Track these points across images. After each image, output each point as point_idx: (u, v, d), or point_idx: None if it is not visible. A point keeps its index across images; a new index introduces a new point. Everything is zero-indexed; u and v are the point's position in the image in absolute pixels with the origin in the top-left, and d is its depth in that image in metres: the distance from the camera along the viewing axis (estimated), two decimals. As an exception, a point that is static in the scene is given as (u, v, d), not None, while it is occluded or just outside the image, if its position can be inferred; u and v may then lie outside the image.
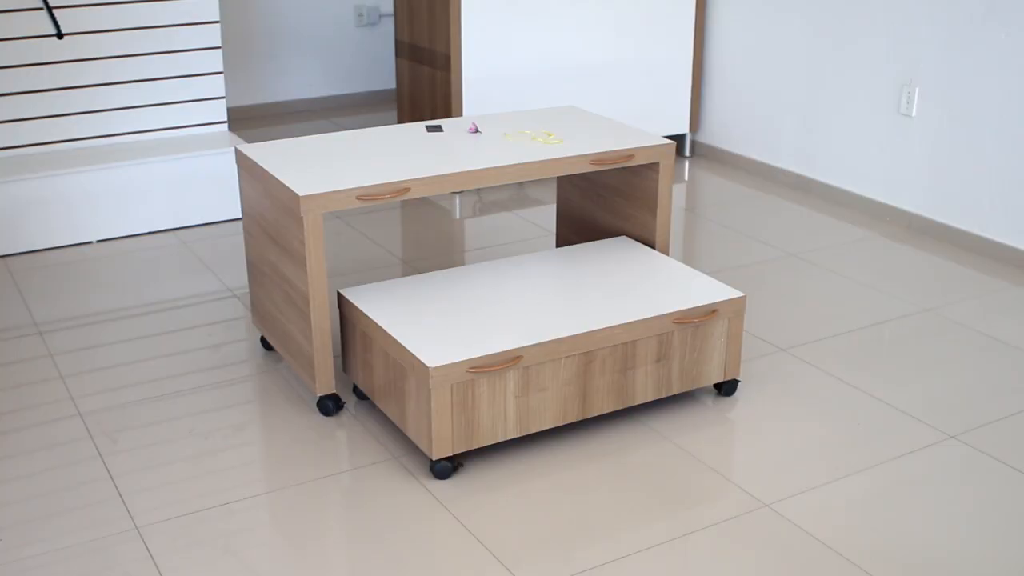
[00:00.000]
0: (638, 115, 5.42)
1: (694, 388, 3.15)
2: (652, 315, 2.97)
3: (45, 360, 3.49)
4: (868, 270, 4.25)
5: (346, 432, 3.06)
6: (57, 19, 4.43)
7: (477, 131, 3.49)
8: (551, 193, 5.11)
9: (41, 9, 4.43)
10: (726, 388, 3.24)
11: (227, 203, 4.69)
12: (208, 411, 3.17)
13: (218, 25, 4.83)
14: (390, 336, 2.85)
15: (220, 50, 4.87)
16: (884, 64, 4.70)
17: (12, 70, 4.46)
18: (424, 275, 3.26)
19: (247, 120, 6.44)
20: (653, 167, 3.40)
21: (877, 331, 3.72)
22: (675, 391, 3.10)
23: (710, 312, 3.07)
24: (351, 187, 2.93)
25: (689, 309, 3.03)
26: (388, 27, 6.84)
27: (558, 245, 4.00)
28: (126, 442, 3.00)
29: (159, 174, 4.57)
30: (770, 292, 4.03)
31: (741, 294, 3.14)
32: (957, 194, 4.50)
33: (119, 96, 4.70)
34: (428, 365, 2.68)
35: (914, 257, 4.41)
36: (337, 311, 3.58)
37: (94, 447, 2.98)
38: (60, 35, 4.43)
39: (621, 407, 3.02)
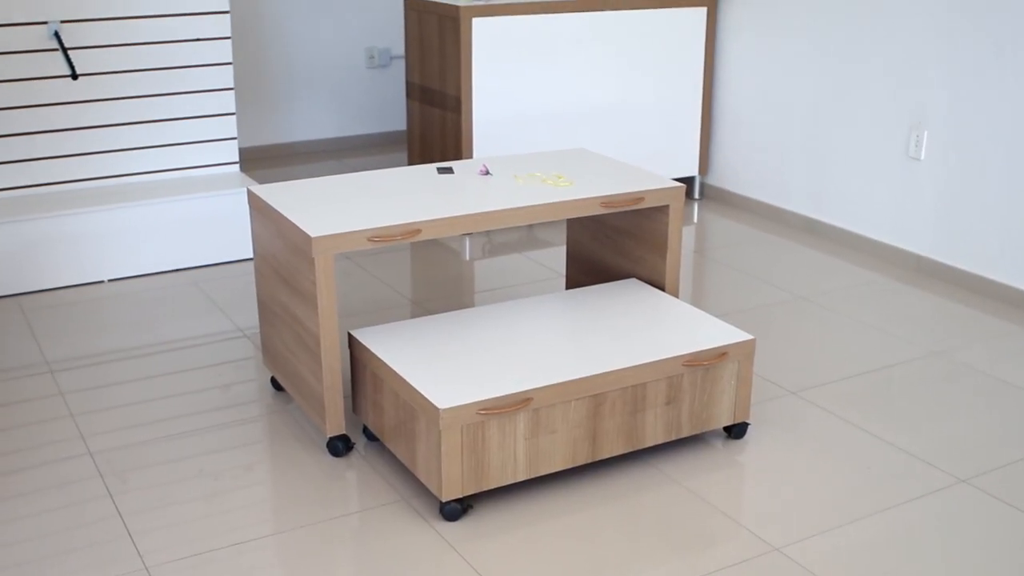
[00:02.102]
0: (648, 157, 5.45)
1: (704, 431, 3.15)
2: (662, 357, 2.98)
3: (55, 399, 3.50)
4: (877, 313, 4.25)
5: (356, 473, 3.06)
6: (72, 60, 4.48)
7: (488, 173, 3.51)
8: (561, 235, 5.12)
9: (57, 50, 4.48)
10: (736, 431, 3.23)
11: (238, 243, 4.72)
12: (218, 451, 3.17)
13: (231, 67, 4.87)
14: (400, 377, 2.85)
15: (232, 91, 4.91)
16: (893, 107, 4.73)
17: (27, 110, 4.50)
18: (434, 316, 3.27)
19: (258, 160, 6.48)
20: (663, 210, 3.41)
21: (886, 374, 3.71)
22: (685, 434, 3.10)
23: (720, 355, 3.07)
24: (362, 228, 2.94)
25: (699, 352, 3.03)
26: (399, 69, 6.89)
27: (568, 287, 4.01)
28: (136, 481, 3.00)
29: (171, 214, 4.59)
30: (779, 334, 4.03)
31: (751, 337, 3.14)
32: (965, 237, 4.50)
33: (132, 136, 4.74)
34: (438, 407, 2.68)
35: (923, 300, 4.41)
36: (347, 352, 3.59)
37: (104, 486, 2.98)
38: (75, 76, 4.48)
39: (631, 449, 3.02)
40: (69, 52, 4.50)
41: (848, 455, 3.17)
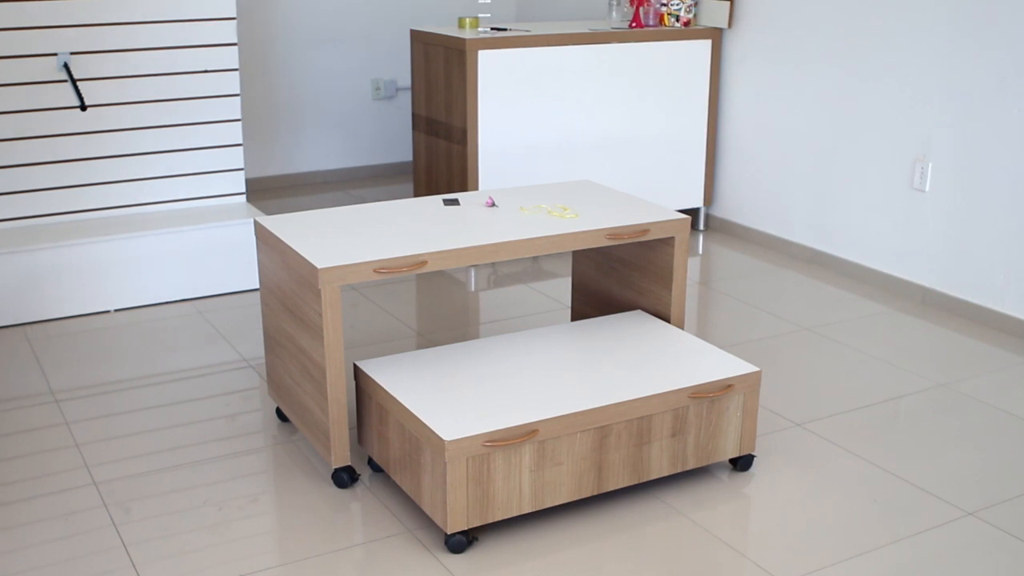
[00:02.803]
0: (653, 189, 5.46)
1: (709, 463, 3.14)
2: (667, 389, 2.98)
3: (61, 428, 3.50)
4: (882, 344, 4.25)
5: (361, 505, 3.05)
6: (81, 92, 4.50)
7: (494, 205, 3.53)
8: (566, 266, 5.13)
9: (66, 81, 4.51)
10: (742, 463, 3.23)
11: (244, 273, 4.73)
12: (222, 481, 3.17)
13: (238, 98, 4.90)
14: (406, 409, 2.86)
15: (240, 122, 4.93)
16: (897, 139, 4.74)
17: (36, 140, 4.53)
18: (440, 348, 3.27)
19: (265, 191, 6.50)
20: (668, 241, 3.42)
21: (892, 406, 3.71)
22: (691, 466, 3.09)
23: (725, 387, 3.07)
24: (369, 260, 2.95)
25: (704, 384, 3.03)
26: (405, 100, 6.92)
27: (573, 318, 4.01)
28: (140, 511, 3.00)
29: (177, 244, 4.61)
30: (785, 366, 4.03)
31: (756, 369, 3.14)
32: (971, 269, 4.51)
33: (139, 167, 4.76)
34: (444, 438, 2.68)
35: (928, 331, 4.41)
36: (353, 383, 3.59)
37: (108, 516, 2.97)
38: (84, 107, 4.50)
39: (636, 482, 3.01)
40: (78, 83, 4.52)
41: (854, 487, 3.16)
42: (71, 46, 4.51)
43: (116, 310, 4.55)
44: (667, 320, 3.49)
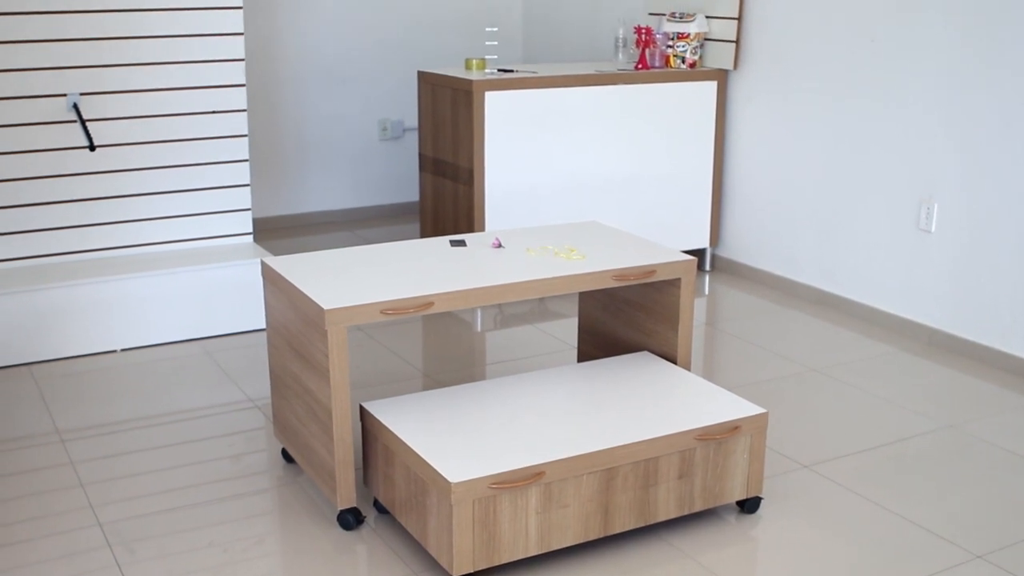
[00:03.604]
0: (659, 230, 5.47)
1: (716, 505, 3.13)
2: (674, 431, 2.97)
3: (66, 468, 3.49)
4: (890, 385, 4.24)
5: (366, 547, 3.04)
6: (90, 132, 4.53)
7: (500, 246, 3.53)
8: (572, 306, 5.13)
9: (75, 122, 4.54)
10: (749, 505, 3.21)
11: (251, 313, 4.73)
12: (227, 522, 3.16)
13: (246, 139, 4.92)
14: (412, 450, 2.85)
15: (247, 163, 4.96)
16: (902, 180, 4.75)
17: (44, 180, 4.55)
18: (446, 389, 3.27)
19: (272, 231, 6.52)
20: (674, 283, 3.42)
21: (900, 448, 3.69)
22: (697, 508, 3.08)
23: (732, 428, 3.06)
24: (375, 301, 2.96)
25: (711, 425, 3.03)
26: (412, 141, 6.96)
27: (579, 360, 4.01)
28: (145, 552, 2.99)
29: (184, 284, 4.62)
30: (792, 407, 4.02)
31: (763, 410, 3.13)
32: (977, 309, 4.50)
33: (147, 207, 4.78)
34: (450, 480, 2.67)
35: (935, 372, 4.39)
36: (359, 424, 3.58)
37: (112, 556, 2.96)
38: (92, 147, 4.53)
39: (643, 524, 2.99)
40: (87, 124, 4.55)
41: (862, 530, 3.14)
42: (81, 87, 4.54)
43: (122, 350, 4.56)
44: (674, 361, 3.49)
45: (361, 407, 3.14)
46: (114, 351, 4.54)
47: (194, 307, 4.65)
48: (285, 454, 3.54)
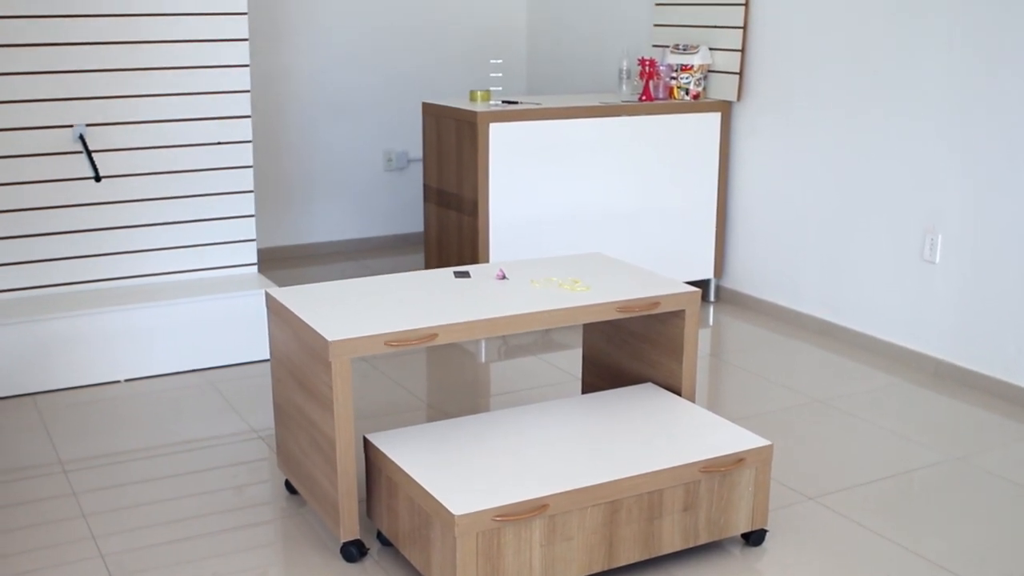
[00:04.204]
0: (663, 261, 5.47)
1: (721, 538, 3.11)
2: (679, 463, 2.96)
3: (68, 499, 3.49)
4: (895, 417, 4.22)
5: (369, 579, 3.03)
6: (95, 163, 4.55)
7: (504, 277, 3.54)
8: (576, 337, 5.12)
9: (81, 153, 4.55)
10: (754, 538, 3.20)
11: (255, 344, 4.73)
12: (230, 553, 3.15)
13: (251, 170, 4.94)
14: (415, 482, 2.84)
15: (252, 194, 4.97)
16: (906, 211, 4.75)
17: (50, 211, 4.56)
18: (450, 420, 3.26)
19: (277, 261, 6.53)
20: (679, 314, 3.42)
21: (906, 480, 3.68)
22: (702, 540, 3.06)
23: (737, 461, 3.05)
24: (380, 332, 2.96)
25: (716, 458, 3.02)
26: (416, 172, 6.97)
27: (584, 391, 4.00)
28: (147, 586, 2.98)
29: (188, 314, 4.62)
30: (797, 439, 4.01)
31: (768, 442, 3.12)
32: (982, 340, 4.49)
33: (151, 237, 4.79)
34: (454, 513, 2.66)
35: (941, 404, 4.38)
36: (362, 455, 3.57)
37: (115, 591, 2.96)
38: (98, 178, 4.54)
39: (647, 557, 2.98)
40: (93, 155, 4.57)
41: (868, 563, 3.12)
42: (87, 118, 4.56)
43: (126, 380, 4.56)
44: (678, 393, 3.48)
45: (365, 439, 3.14)
46: (118, 381, 4.54)
47: (198, 338, 4.65)
48: (289, 485, 3.53)
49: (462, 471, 2.90)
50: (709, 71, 5.59)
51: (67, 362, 4.43)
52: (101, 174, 4.60)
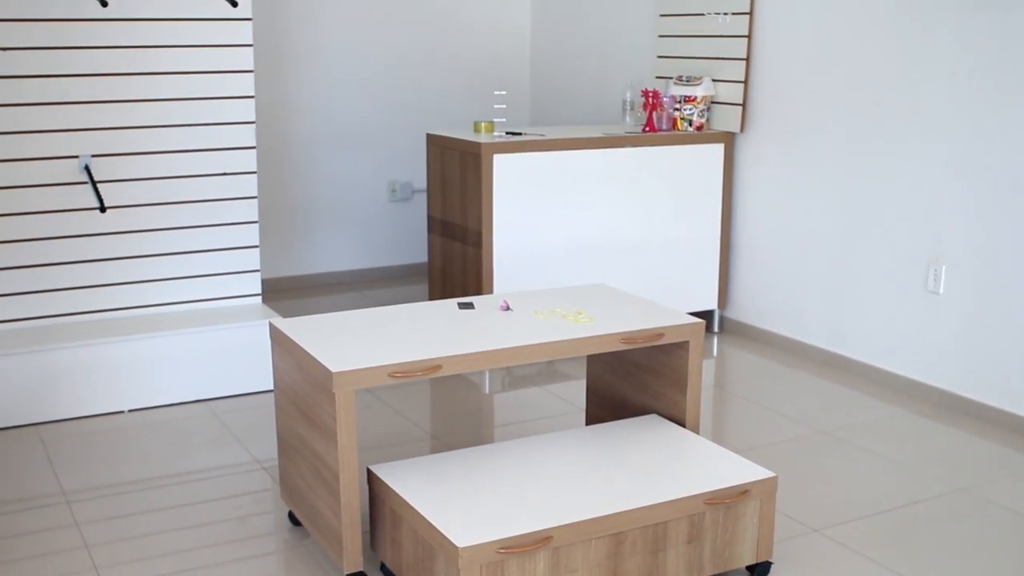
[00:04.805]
0: (667, 292, 5.46)
1: (726, 570, 3.10)
2: (683, 495, 2.95)
3: (71, 529, 3.48)
4: (900, 448, 4.21)
5: (372, 611, 3.02)
6: (100, 193, 4.56)
7: (508, 308, 3.54)
8: (581, 368, 5.12)
9: (86, 183, 4.57)
10: (759, 570, 3.18)
11: (259, 375, 4.73)
12: (233, 587, 3.14)
13: (256, 200, 4.95)
14: (419, 514, 2.83)
15: (257, 224, 4.98)
16: (910, 242, 4.76)
17: (55, 241, 4.57)
18: (454, 452, 3.26)
19: (281, 291, 6.54)
20: (683, 345, 3.42)
21: (911, 511, 3.67)
22: (707, 573, 3.05)
23: (742, 492, 3.04)
24: (383, 364, 2.96)
25: (720, 489, 3.01)
26: (421, 203, 6.99)
27: (588, 422, 3.99)
28: (150, 618, 2.97)
29: (192, 345, 4.62)
30: (801, 470, 4.00)
31: (772, 474, 3.12)
32: (987, 371, 4.48)
33: (156, 268, 4.80)
34: (457, 545, 2.65)
35: (946, 435, 4.37)
36: (366, 487, 3.57)
37: (117, 623, 2.95)
38: (103, 209, 4.55)
39: (652, 589, 2.97)
40: (98, 185, 4.58)
41: (874, 597, 3.11)
42: (92, 149, 4.58)
43: (130, 410, 4.55)
44: (682, 424, 3.48)
45: (368, 470, 3.13)
46: (121, 412, 4.54)
47: (202, 368, 4.65)
48: (292, 517, 3.52)
49: (466, 503, 2.89)
50: (712, 102, 5.61)
51: (71, 392, 4.43)
52: (106, 204, 4.62)
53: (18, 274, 4.54)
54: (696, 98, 5.51)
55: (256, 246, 5.01)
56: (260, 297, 5.06)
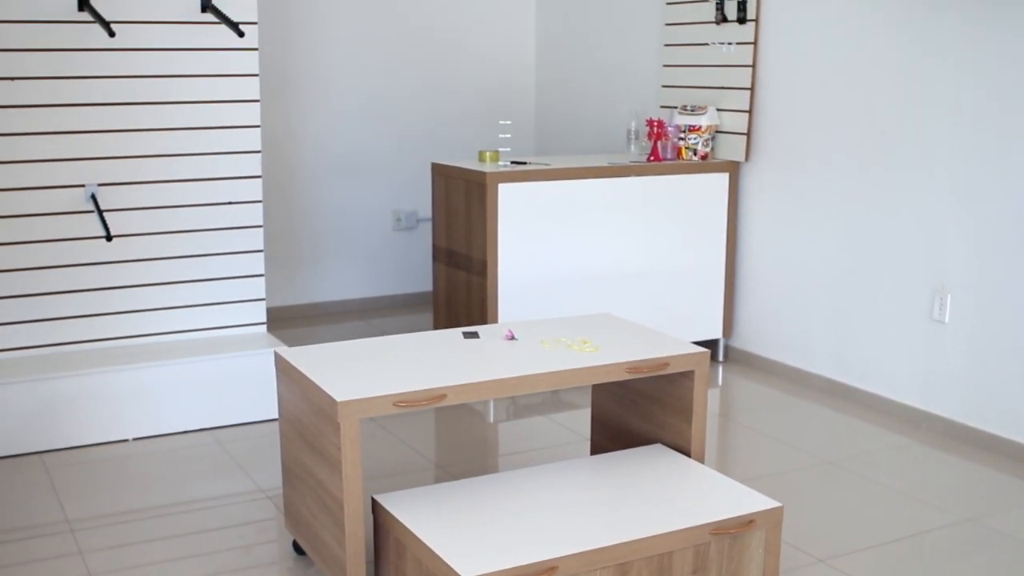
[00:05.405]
0: (672, 321, 5.46)
1: (732, 601, 3.09)
2: (688, 526, 2.94)
3: (75, 558, 3.47)
4: (906, 478, 4.20)
5: (376, 642, 3.00)
6: (107, 222, 4.57)
7: (513, 338, 3.54)
8: (585, 397, 5.11)
9: (92, 212, 4.59)
10: (764, 601, 3.17)
11: (263, 403, 4.73)
12: (237, 617, 3.13)
13: (261, 230, 4.96)
14: (423, 544, 2.83)
15: (262, 253, 4.99)
16: (915, 271, 4.76)
17: (60, 269, 4.58)
18: (459, 481, 3.25)
19: (286, 320, 6.54)
20: (688, 375, 3.42)
21: (917, 542, 3.65)
22: (712, 604, 3.04)
23: (747, 523, 3.03)
24: (388, 393, 2.96)
25: (726, 520, 3.00)
26: (425, 232, 7.00)
27: (593, 451, 3.99)
28: (153, 648, 2.96)
29: (197, 374, 4.63)
30: (807, 500, 3.98)
31: (778, 504, 3.11)
32: (993, 400, 4.48)
33: (161, 296, 4.80)
34: (461, 575, 2.64)
35: (953, 464, 4.36)
36: (371, 516, 3.56)
37: (121, 653, 2.93)
38: (109, 237, 4.57)
39: (657, 620, 2.96)
40: (104, 214, 4.60)
41: (880, 628, 3.10)
42: (99, 178, 4.60)
43: (134, 439, 4.55)
44: (687, 454, 3.47)
45: (373, 499, 3.13)
46: (126, 440, 4.53)
47: (207, 397, 4.65)
48: (296, 546, 3.52)
49: (471, 532, 2.89)
50: (717, 132, 5.63)
51: (75, 421, 4.43)
52: (112, 233, 4.63)
53: (24, 302, 4.55)
54: (701, 127, 5.53)
55: (261, 275, 5.02)
56: (265, 326, 5.06)
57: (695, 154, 5.56)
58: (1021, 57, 4.26)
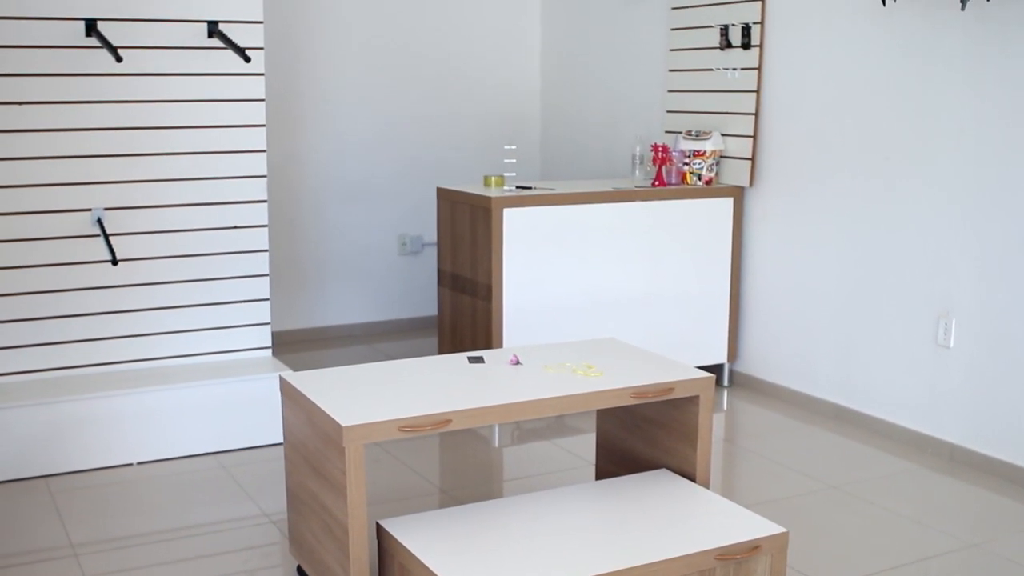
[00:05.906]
0: (676, 345, 5.46)
1: (737, 627, 3.08)
2: (693, 551, 2.93)
3: (80, 585, 3.47)
4: (911, 503, 4.19)
5: (381, 668, 2.99)
6: (112, 246, 4.59)
7: (518, 363, 3.54)
8: (590, 421, 5.11)
9: (98, 236, 4.60)
10: (770, 627, 3.16)
11: (268, 428, 4.73)
12: (241, 642, 3.12)
13: (267, 254, 4.98)
14: (428, 569, 2.82)
15: (267, 277, 5.00)
16: (920, 296, 4.76)
17: (66, 293, 4.60)
18: (463, 507, 3.25)
19: (291, 344, 6.55)
20: (693, 400, 3.42)
21: (923, 567, 3.64)
22: (718, 630, 3.03)
23: (752, 548, 3.02)
24: (393, 418, 2.96)
25: (731, 545, 2.99)
26: (430, 256, 7.01)
27: (597, 476, 3.98)
28: (157, 674, 2.95)
29: (202, 398, 4.63)
30: (812, 526, 3.97)
31: (783, 529, 3.10)
32: (999, 425, 4.47)
33: (166, 320, 4.81)
34: (466, 600, 2.64)
35: (958, 490, 4.34)
36: (375, 541, 3.55)
37: None
38: (115, 261, 4.58)
39: (662, 646, 2.94)
40: (110, 238, 4.61)
41: (886, 655, 3.08)
42: (105, 202, 4.62)
43: (139, 463, 4.55)
44: (692, 479, 3.46)
45: (378, 524, 3.13)
46: (130, 464, 4.53)
47: (211, 421, 4.66)
48: (300, 571, 3.51)
49: (475, 558, 2.88)
50: (721, 156, 5.64)
51: (80, 445, 4.43)
52: (118, 257, 4.64)
53: (30, 326, 4.56)
54: (705, 152, 5.54)
55: (266, 299, 5.03)
56: (270, 350, 5.07)
57: (700, 179, 5.57)
58: (1025, 83, 4.28)
